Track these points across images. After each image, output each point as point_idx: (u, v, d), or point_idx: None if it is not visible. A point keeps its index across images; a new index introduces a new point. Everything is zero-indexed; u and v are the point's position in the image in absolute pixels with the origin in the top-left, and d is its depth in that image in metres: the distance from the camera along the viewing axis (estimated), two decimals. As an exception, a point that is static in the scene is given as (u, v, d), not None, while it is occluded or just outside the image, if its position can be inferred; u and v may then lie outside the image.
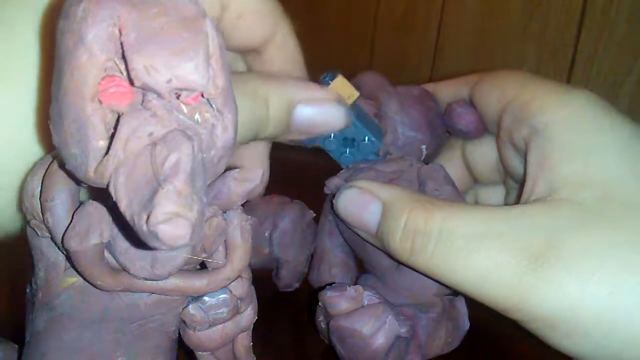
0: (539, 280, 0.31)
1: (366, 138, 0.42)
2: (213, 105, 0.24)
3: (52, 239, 0.28)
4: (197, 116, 0.24)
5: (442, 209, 0.35)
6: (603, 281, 0.30)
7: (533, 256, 0.31)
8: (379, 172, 0.42)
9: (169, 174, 0.22)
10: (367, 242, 0.41)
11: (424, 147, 0.44)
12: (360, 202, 0.39)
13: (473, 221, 0.34)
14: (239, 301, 0.32)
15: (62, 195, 0.27)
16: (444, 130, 0.46)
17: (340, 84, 0.40)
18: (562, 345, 0.32)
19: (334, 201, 0.41)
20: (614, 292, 0.30)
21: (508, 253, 0.32)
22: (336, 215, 0.43)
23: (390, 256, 0.39)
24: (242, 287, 0.32)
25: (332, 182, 0.44)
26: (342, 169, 0.45)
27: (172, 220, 0.21)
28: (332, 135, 0.42)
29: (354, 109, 0.42)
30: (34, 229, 0.29)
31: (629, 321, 0.30)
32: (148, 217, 0.21)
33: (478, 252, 0.32)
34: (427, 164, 0.43)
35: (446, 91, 0.46)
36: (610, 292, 0.30)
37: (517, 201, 0.38)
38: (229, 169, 0.29)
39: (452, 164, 0.45)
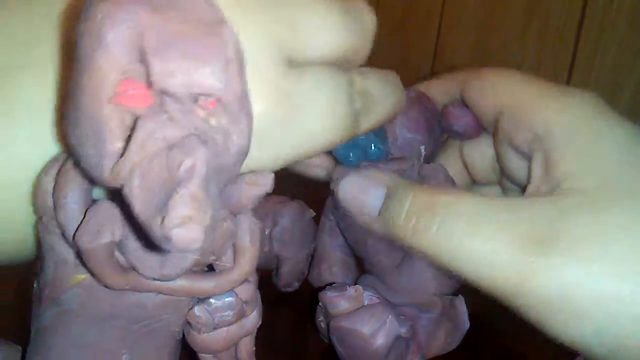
0: (542, 263, 0.31)
1: (372, 145, 0.42)
2: (229, 111, 0.24)
3: (63, 235, 0.28)
4: (213, 121, 0.24)
5: (448, 193, 0.35)
6: (606, 263, 0.30)
7: (536, 239, 0.31)
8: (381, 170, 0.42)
9: (184, 178, 0.22)
10: (365, 233, 0.41)
11: (422, 147, 0.44)
12: (363, 186, 0.38)
13: (478, 205, 0.33)
14: (244, 305, 0.32)
15: (75, 193, 0.27)
16: (441, 131, 0.46)
17: None
18: (563, 332, 0.32)
19: (334, 187, 0.41)
20: (618, 274, 0.30)
21: (512, 236, 0.32)
22: (335, 205, 0.43)
23: (391, 242, 0.38)
24: (249, 290, 0.32)
25: (338, 172, 0.43)
26: None
27: (186, 224, 0.21)
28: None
29: None
30: (46, 225, 0.29)
31: (632, 303, 0.30)
32: (162, 220, 0.21)
33: (482, 234, 0.32)
34: (427, 163, 0.43)
35: (437, 90, 0.46)
36: (614, 274, 0.30)
37: None
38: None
39: (450, 164, 0.45)
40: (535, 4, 0.91)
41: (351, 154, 0.42)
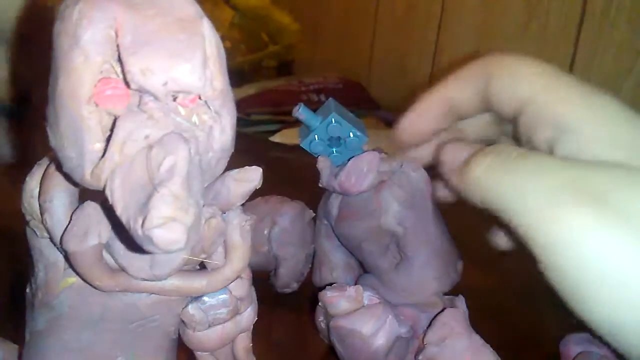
0: (606, 226, 0.29)
1: (351, 134, 0.42)
2: (211, 107, 0.24)
3: (51, 239, 0.28)
4: (194, 118, 0.24)
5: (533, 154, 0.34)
6: None
7: (603, 204, 0.29)
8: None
9: (165, 177, 0.22)
10: (359, 236, 0.41)
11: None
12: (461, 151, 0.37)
13: (559, 165, 0.32)
14: (238, 301, 0.32)
15: (60, 197, 0.27)
16: None
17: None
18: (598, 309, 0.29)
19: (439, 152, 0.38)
20: None
21: (574, 192, 0.30)
22: (328, 210, 0.42)
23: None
24: (242, 287, 0.32)
25: (322, 162, 0.43)
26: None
27: (167, 225, 0.21)
28: (317, 137, 0.42)
29: (333, 105, 0.42)
30: (33, 230, 0.29)
31: None
32: (143, 221, 0.21)
33: (549, 189, 0.30)
34: None
35: (459, 89, 0.42)
36: None
37: None
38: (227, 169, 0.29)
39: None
40: (535, 4, 0.91)
41: (334, 150, 0.42)
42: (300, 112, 0.41)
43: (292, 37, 1.46)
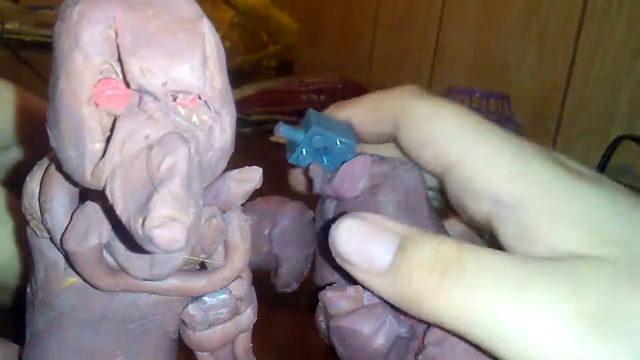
0: (601, 345, 0.25)
1: (337, 141, 0.40)
2: (211, 107, 0.24)
3: (51, 239, 0.28)
4: (194, 118, 0.24)
5: (478, 248, 0.28)
6: None
7: (591, 317, 0.25)
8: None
9: (165, 177, 0.22)
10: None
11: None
12: (368, 234, 0.31)
13: (519, 266, 0.27)
14: (238, 302, 0.32)
15: (60, 196, 0.27)
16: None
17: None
18: None
19: (330, 232, 0.34)
20: None
21: (563, 310, 0.25)
22: (322, 217, 0.42)
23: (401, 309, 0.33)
24: (242, 287, 0.32)
25: (315, 171, 0.43)
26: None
27: (167, 225, 0.21)
28: (304, 151, 0.41)
29: (314, 116, 0.41)
30: (33, 230, 0.29)
31: None
32: (143, 221, 0.21)
33: (530, 303, 0.26)
34: None
35: (365, 125, 0.40)
36: None
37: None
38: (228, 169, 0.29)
39: None
40: (535, 4, 0.91)
41: (324, 160, 0.41)
42: (281, 132, 0.40)
43: (292, 37, 1.47)
